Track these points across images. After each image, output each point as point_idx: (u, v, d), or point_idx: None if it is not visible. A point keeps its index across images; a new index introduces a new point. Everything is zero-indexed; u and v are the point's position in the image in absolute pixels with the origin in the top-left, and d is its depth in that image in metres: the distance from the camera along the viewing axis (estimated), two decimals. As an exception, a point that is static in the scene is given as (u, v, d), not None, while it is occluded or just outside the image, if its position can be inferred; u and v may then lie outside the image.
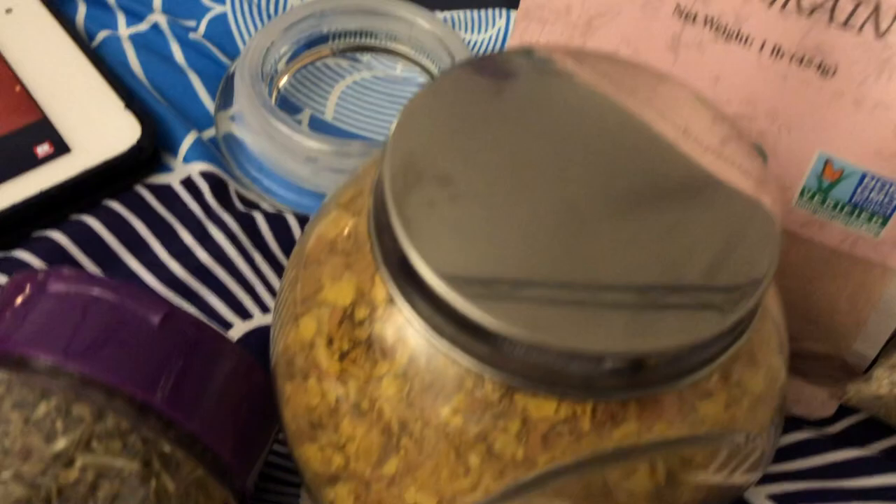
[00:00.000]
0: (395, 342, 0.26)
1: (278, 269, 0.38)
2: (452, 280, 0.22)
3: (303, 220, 0.39)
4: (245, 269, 0.38)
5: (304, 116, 0.43)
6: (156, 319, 0.26)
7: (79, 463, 0.25)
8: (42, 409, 0.25)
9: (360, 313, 0.26)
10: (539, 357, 0.22)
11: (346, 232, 0.27)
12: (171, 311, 0.27)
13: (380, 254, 0.25)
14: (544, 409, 0.25)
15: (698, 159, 0.26)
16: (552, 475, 0.25)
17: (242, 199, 0.40)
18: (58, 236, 0.38)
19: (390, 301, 0.26)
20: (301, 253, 0.29)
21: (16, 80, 0.41)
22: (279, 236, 0.39)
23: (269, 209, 0.40)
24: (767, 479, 0.34)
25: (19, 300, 0.27)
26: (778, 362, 0.28)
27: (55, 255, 0.37)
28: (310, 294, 0.28)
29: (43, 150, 0.39)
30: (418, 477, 0.27)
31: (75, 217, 0.39)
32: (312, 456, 0.28)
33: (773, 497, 0.34)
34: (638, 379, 0.23)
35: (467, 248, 0.23)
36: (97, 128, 0.40)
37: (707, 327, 0.23)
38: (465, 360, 0.24)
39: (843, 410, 0.36)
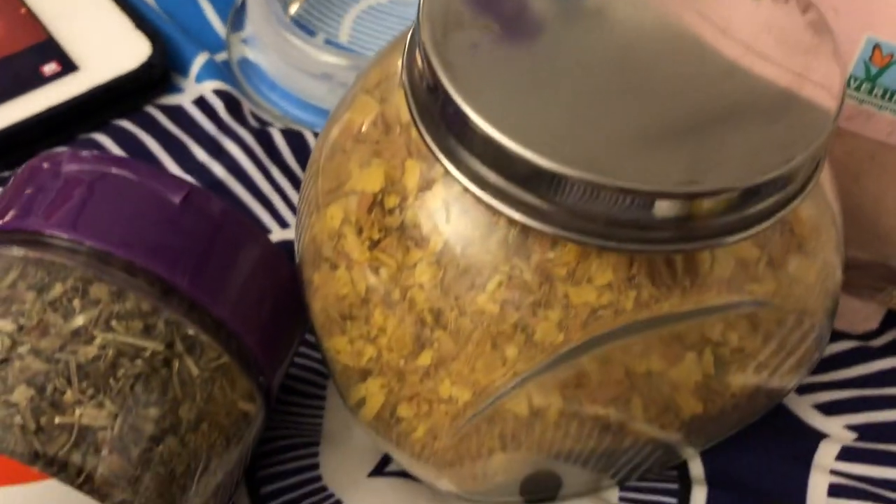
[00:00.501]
0: (428, 229, 0.24)
1: (296, 183, 0.36)
2: (500, 121, 0.21)
3: (320, 137, 0.38)
4: (262, 184, 0.36)
5: (318, 40, 0.42)
6: (177, 198, 0.25)
7: (98, 340, 0.23)
8: (58, 289, 0.24)
9: (391, 201, 0.25)
10: (590, 203, 0.21)
11: (372, 118, 0.26)
12: (193, 191, 0.25)
13: (415, 108, 0.23)
14: (585, 293, 0.24)
15: (755, 14, 0.24)
16: (591, 344, 0.24)
17: (257, 119, 0.39)
18: (67, 152, 0.36)
19: (422, 188, 0.24)
20: (324, 143, 0.27)
21: (20, 2, 0.40)
22: (296, 151, 0.37)
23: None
24: (811, 388, 0.33)
25: (35, 180, 0.26)
26: (833, 260, 0.27)
27: (64, 172, 0.36)
28: (336, 184, 0.26)
29: (50, 68, 0.38)
30: (453, 369, 0.25)
31: (84, 136, 0.37)
32: (342, 348, 0.27)
33: (818, 406, 0.32)
34: (688, 229, 0.22)
35: (514, 89, 0.22)
36: (106, 47, 0.39)
37: (761, 172, 0.22)
38: (512, 213, 0.22)
39: (886, 324, 0.34)
